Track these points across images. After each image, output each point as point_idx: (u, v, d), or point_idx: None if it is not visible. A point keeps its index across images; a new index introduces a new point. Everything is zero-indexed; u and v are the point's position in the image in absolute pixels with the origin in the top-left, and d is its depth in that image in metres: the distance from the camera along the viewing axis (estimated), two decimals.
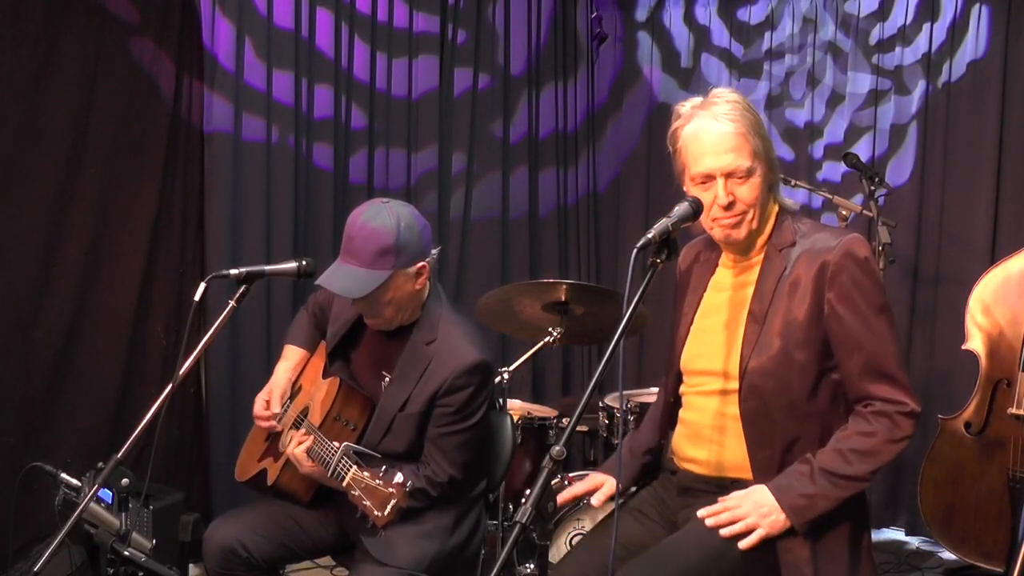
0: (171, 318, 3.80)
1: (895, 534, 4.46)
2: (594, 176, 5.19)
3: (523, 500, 2.77)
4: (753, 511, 2.04)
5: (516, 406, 3.86)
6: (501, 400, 3.39)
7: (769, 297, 2.11)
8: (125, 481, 2.09)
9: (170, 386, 2.16)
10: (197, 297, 2.21)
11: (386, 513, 2.20)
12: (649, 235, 1.92)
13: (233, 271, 2.33)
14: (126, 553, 2.09)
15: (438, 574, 2.52)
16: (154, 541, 2.21)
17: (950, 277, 4.31)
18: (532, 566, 3.35)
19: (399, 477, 2.23)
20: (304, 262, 2.43)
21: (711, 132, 2.09)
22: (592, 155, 5.18)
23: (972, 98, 4.28)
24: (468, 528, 2.63)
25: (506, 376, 3.43)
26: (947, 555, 4.02)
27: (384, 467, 2.29)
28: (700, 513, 2.07)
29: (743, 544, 2.02)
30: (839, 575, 2.07)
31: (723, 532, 2.03)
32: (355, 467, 2.29)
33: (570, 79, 5.01)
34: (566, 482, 3.43)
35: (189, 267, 3.83)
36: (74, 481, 2.20)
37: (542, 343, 3.57)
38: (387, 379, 2.57)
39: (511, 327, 3.80)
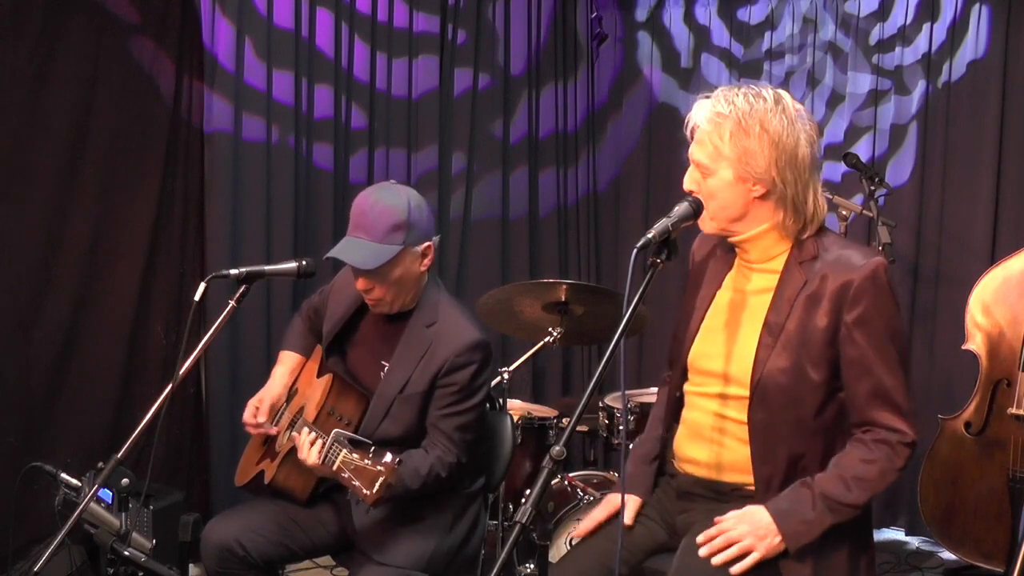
0: (171, 318, 3.79)
1: (895, 534, 4.46)
2: (594, 176, 5.19)
3: (523, 500, 2.78)
4: (749, 533, 2.01)
5: (516, 406, 3.86)
6: (501, 400, 3.39)
7: (787, 309, 2.08)
8: (125, 481, 2.09)
9: (170, 386, 2.17)
10: (197, 297, 2.22)
11: (375, 491, 2.22)
12: (649, 235, 1.92)
13: (233, 271, 2.34)
14: (126, 553, 2.09)
15: (437, 572, 2.52)
16: (154, 541, 2.22)
17: (950, 277, 4.31)
18: (532, 566, 3.35)
19: (388, 457, 2.24)
20: (304, 262, 2.45)
21: (696, 118, 2.11)
22: (592, 155, 5.18)
23: (972, 98, 4.28)
24: (467, 526, 2.63)
25: (506, 376, 3.43)
26: (947, 555, 4.02)
27: (373, 448, 2.30)
28: (699, 539, 2.05)
29: (736, 568, 1.99)
30: None
31: (716, 560, 2.00)
32: (344, 451, 2.30)
33: (570, 79, 5.01)
34: (566, 482, 3.47)
35: (189, 267, 3.83)
36: (74, 481, 2.20)
37: (542, 343, 3.57)
38: (387, 367, 2.57)
39: (511, 327, 3.80)
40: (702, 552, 2.02)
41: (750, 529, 2.01)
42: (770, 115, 2.04)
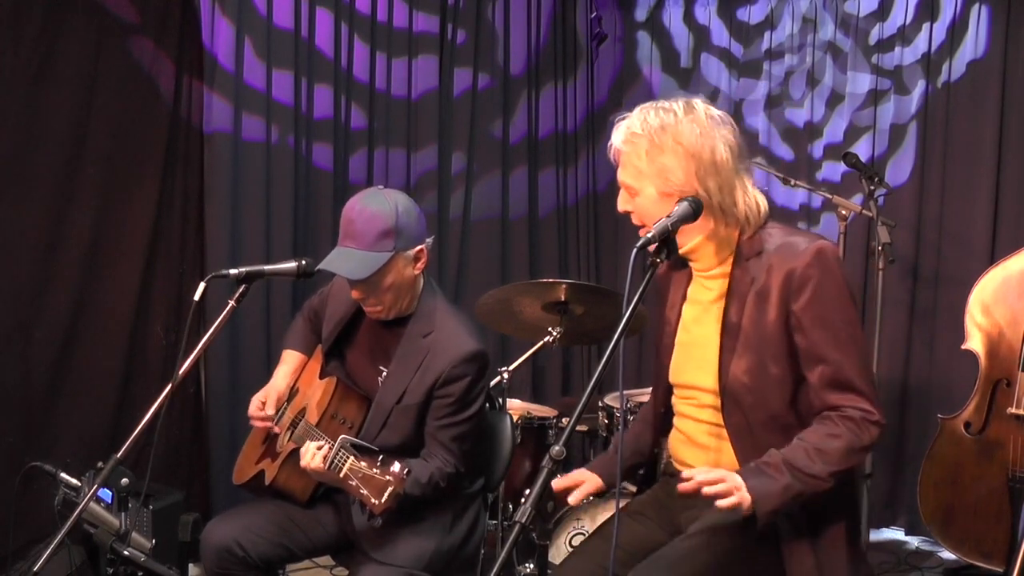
0: (171, 318, 3.80)
1: (895, 534, 4.45)
2: (594, 176, 5.20)
3: (523, 500, 2.78)
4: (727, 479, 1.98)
5: (516, 406, 3.86)
6: (501, 400, 3.39)
7: (740, 310, 2.09)
8: (125, 481, 2.09)
9: (170, 386, 2.17)
10: (197, 297, 2.21)
11: (383, 500, 2.21)
12: (649, 235, 1.92)
13: (233, 271, 2.33)
14: (126, 553, 2.09)
15: (437, 572, 2.52)
16: (154, 541, 2.21)
17: (950, 277, 4.31)
18: (532, 566, 3.35)
19: (396, 466, 2.24)
20: (304, 262, 2.43)
21: (615, 141, 2.12)
22: (592, 155, 5.18)
23: (972, 98, 4.28)
24: (467, 525, 2.63)
25: (506, 376, 3.43)
26: (947, 555, 4.02)
27: (381, 457, 2.30)
28: (685, 474, 1.99)
29: (722, 503, 1.95)
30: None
31: (706, 489, 1.95)
32: (352, 458, 2.30)
33: (570, 79, 5.01)
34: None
35: (189, 267, 3.84)
36: (74, 481, 2.20)
37: (542, 343, 3.57)
38: (384, 373, 2.57)
39: (511, 327, 3.80)
40: (687, 481, 1.96)
41: (726, 475, 1.98)
42: (681, 127, 2.05)
